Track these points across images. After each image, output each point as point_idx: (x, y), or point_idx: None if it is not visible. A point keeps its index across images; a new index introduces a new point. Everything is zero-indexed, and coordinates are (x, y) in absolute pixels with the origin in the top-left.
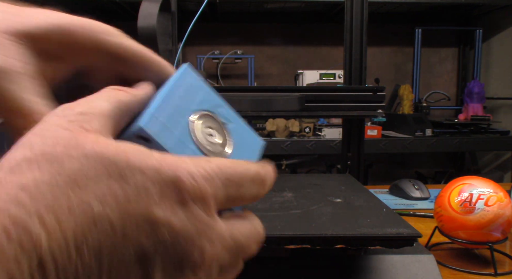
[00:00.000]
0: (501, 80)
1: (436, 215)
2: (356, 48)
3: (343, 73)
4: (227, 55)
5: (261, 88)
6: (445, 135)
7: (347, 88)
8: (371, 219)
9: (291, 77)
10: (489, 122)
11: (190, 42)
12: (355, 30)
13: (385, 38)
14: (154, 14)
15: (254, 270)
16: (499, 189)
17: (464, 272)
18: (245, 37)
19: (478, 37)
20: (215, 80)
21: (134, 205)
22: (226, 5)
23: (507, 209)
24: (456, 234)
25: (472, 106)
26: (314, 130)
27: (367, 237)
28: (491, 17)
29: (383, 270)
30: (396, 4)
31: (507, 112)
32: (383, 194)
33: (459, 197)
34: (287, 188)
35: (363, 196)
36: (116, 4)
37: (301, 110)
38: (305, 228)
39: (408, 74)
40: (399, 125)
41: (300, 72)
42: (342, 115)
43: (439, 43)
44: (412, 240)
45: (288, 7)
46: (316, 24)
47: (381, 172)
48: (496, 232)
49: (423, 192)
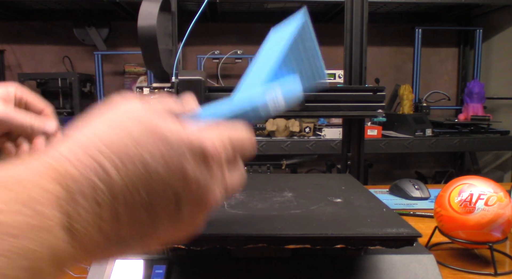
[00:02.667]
0: (501, 80)
1: (436, 215)
2: (356, 48)
3: (343, 73)
4: (227, 55)
5: None
6: (445, 135)
7: (347, 88)
8: (371, 219)
9: None
10: (489, 122)
11: (190, 42)
12: (355, 30)
13: (385, 38)
14: (154, 14)
15: (254, 270)
16: (499, 189)
17: (464, 272)
18: (245, 37)
19: (478, 37)
20: (215, 80)
21: (174, 162)
22: (226, 5)
23: (507, 209)
24: (456, 234)
25: (472, 106)
26: (314, 130)
27: (367, 237)
28: (491, 17)
29: (383, 270)
30: (396, 4)
31: (507, 112)
32: (383, 194)
33: (459, 197)
34: (287, 188)
35: (363, 196)
36: (116, 4)
37: (301, 110)
38: (305, 228)
39: (408, 74)
40: (399, 125)
41: None
42: (342, 115)
43: (439, 43)
44: (412, 240)
45: (288, 7)
46: (316, 24)
47: (381, 172)
48: (496, 232)
49: (423, 192)
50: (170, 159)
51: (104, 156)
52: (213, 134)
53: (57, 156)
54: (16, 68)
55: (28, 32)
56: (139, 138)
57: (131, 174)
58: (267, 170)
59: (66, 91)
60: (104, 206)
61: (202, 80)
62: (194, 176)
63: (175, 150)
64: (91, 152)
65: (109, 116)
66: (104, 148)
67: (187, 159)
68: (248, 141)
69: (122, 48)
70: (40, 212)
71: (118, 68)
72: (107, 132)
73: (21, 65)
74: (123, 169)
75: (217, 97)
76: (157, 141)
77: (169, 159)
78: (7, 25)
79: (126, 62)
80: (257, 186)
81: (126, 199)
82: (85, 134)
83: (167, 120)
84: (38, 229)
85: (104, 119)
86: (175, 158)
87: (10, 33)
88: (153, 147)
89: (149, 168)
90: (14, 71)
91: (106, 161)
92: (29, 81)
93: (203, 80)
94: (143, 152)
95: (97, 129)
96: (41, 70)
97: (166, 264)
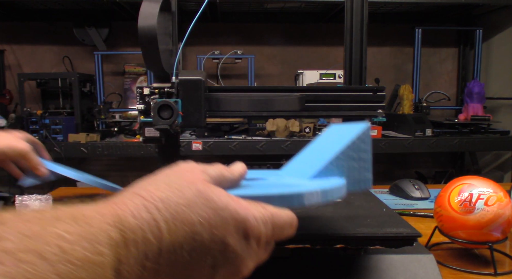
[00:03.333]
0: (501, 80)
1: (436, 215)
2: (356, 48)
3: (343, 73)
4: (227, 55)
5: (261, 88)
6: (445, 135)
7: (347, 88)
8: (371, 219)
9: (291, 77)
10: (489, 122)
11: (190, 42)
12: (355, 30)
13: (385, 38)
14: (154, 14)
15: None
16: (499, 189)
17: (464, 272)
18: (245, 37)
19: (478, 37)
20: (215, 80)
21: (219, 230)
22: (226, 5)
23: (507, 209)
24: (456, 234)
25: (472, 106)
26: (314, 130)
27: (367, 237)
28: (491, 17)
29: (383, 270)
30: (396, 4)
31: (507, 112)
32: (383, 194)
33: (459, 197)
34: None
35: (363, 196)
36: (116, 4)
37: (301, 110)
38: (305, 227)
39: (408, 74)
40: (399, 125)
41: (300, 72)
42: (342, 115)
43: (439, 43)
44: (412, 240)
45: (288, 7)
46: (316, 24)
47: (381, 172)
48: (496, 232)
49: (423, 192)
50: (215, 226)
51: (160, 214)
52: (258, 213)
53: (121, 204)
54: (16, 68)
55: (28, 32)
56: (192, 201)
57: (179, 233)
58: None
59: (66, 91)
60: (150, 258)
61: (202, 80)
62: (234, 247)
63: (221, 219)
64: (150, 208)
65: (170, 177)
66: (161, 206)
67: (230, 230)
68: (289, 226)
69: (122, 48)
70: (99, 251)
71: (118, 68)
72: (165, 193)
73: (21, 65)
74: (173, 228)
75: (218, 97)
76: (207, 207)
77: (214, 226)
78: (7, 25)
79: (126, 62)
80: None
81: (170, 255)
82: (147, 190)
83: (220, 190)
84: (94, 264)
85: (164, 179)
86: (220, 227)
87: (10, 33)
88: (203, 212)
89: (196, 231)
90: (14, 71)
91: (161, 218)
92: (29, 81)
93: (203, 80)
94: (194, 215)
95: (157, 188)
96: (41, 70)
97: None
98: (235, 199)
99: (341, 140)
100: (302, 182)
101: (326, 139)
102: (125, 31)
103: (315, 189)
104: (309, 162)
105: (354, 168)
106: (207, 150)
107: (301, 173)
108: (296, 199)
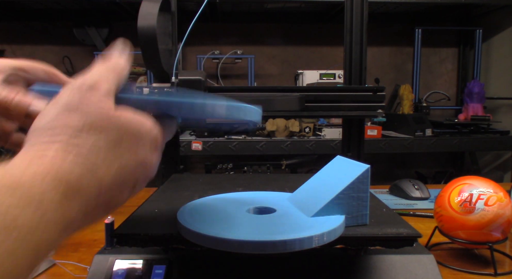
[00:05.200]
0: (501, 80)
1: (436, 215)
2: (356, 48)
3: (343, 73)
4: (227, 55)
5: (261, 88)
6: (445, 135)
7: (347, 88)
8: (371, 219)
9: (291, 77)
10: (489, 122)
11: (190, 42)
12: (355, 30)
13: (385, 38)
14: (154, 14)
15: (254, 270)
16: (499, 189)
17: (464, 272)
18: (245, 37)
19: (478, 37)
20: (215, 80)
21: (140, 154)
22: (226, 5)
23: (507, 209)
24: (456, 234)
25: (472, 106)
26: (314, 130)
27: (367, 237)
28: (491, 17)
29: (383, 270)
30: (396, 4)
31: (507, 112)
32: (383, 194)
33: (459, 197)
34: (287, 188)
35: None
36: (116, 4)
37: (301, 110)
38: None
39: (408, 74)
40: (399, 125)
41: (300, 72)
42: (342, 115)
43: (439, 43)
44: (412, 240)
45: (288, 7)
46: (316, 24)
47: (381, 172)
48: (496, 232)
49: (423, 192)
50: (137, 152)
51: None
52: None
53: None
54: None
55: (28, 32)
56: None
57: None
58: (267, 170)
59: None
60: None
61: (202, 80)
62: (150, 162)
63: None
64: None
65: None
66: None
67: (148, 150)
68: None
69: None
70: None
71: None
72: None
73: None
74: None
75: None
76: (128, 140)
77: (136, 154)
78: (7, 25)
79: None
80: (257, 186)
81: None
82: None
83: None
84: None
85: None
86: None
87: (10, 33)
88: (125, 146)
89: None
90: None
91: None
92: None
93: (203, 80)
94: (117, 152)
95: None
96: None
97: (166, 264)
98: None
99: (344, 178)
100: (304, 220)
101: (331, 171)
102: (125, 31)
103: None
104: (313, 196)
105: (353, 206)
106: (207, 150)
107: (305, 207)
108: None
